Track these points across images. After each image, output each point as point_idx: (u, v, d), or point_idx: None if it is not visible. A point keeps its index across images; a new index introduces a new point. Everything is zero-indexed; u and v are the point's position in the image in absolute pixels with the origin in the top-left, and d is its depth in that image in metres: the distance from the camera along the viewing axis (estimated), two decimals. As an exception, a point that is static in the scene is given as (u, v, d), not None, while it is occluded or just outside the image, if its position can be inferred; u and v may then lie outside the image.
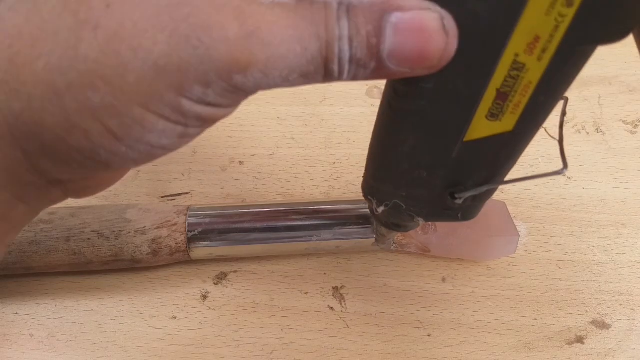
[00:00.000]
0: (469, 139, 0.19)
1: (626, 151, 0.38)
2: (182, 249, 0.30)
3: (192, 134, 0.17)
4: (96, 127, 0.16)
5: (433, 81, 0.17)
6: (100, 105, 0.15)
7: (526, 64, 0.16)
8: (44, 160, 0.17)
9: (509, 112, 0.18)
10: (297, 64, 0.15)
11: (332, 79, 0.16)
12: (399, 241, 0.32)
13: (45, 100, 0.16)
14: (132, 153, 0.17)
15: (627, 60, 0.44)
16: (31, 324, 0.31)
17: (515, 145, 0.19)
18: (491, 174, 0.21)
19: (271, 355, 0.30)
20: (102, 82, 0.15)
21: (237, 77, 0.15)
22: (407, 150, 0.20)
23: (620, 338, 0.30)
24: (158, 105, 0.16)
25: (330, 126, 0.40)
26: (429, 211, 0.23)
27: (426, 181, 0.21)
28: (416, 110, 0.18)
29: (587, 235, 0.34)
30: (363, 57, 0.16)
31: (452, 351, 0.30)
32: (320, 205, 0.32)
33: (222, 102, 0.16)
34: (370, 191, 0.23)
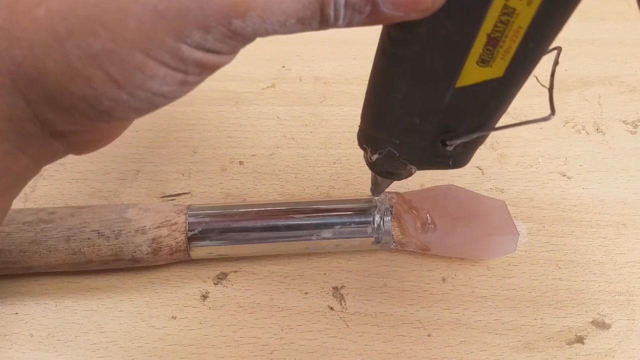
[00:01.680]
0: (460, 85, 0.19)
1: (626, 151, 0.38)
2: (182, 248, 0.30)
3: (192, 81, 0.18)
4: (98, 74, 0.16)
5: (426, 26, 0.17)
6: (102, 52, 0.16)
7: (516, 9, 0.16)
8: (46, 109, 0.17)
9: (499, 57, 0.18)
10: (294, 9, 0.16)
11: (328, 24, 0.17)
12: (399, 240, 0.32)
13: (47, 47, 0.16)
14: (133, 100, 0.17)
15: (627, 60, 0.44)
16: (31, 324, 0.31)
17: (505, 92, 0.20)
18: (482, 121, 0.21)
19: (271, 355, 0.30)
20: (102, 28, 0.15)
21: (236, 22, 0.15)
22: (400, 97, 0.20)
23: (620, 338, 0.30)
24: (158, 51, 0.16)
25: (330, 126, 0.40)
26: (421, 158, 0.23)
27: (419, 128, 0.21)
28: (409, 56, 0.19)
29: (587, 235, 0.34)
30: (358, 1, 0.16)
31: (452, 351, 0.30)
32: (320, 204, 0.32)
33: (221, 48, 0.16)
34: (365, 139, 0.24)
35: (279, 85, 0.42)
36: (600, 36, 0.45)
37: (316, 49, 0.44)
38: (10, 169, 0.19)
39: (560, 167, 0.37)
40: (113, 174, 0.37)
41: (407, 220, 0.31)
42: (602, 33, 0.45)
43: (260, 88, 0.42)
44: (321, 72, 0.43)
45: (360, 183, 0.37)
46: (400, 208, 0.31)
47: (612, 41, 0.45)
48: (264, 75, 0.43)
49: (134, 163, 0.38)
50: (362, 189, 0.37)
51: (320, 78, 0.43)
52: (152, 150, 0.38)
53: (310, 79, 0.43)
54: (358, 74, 0.43)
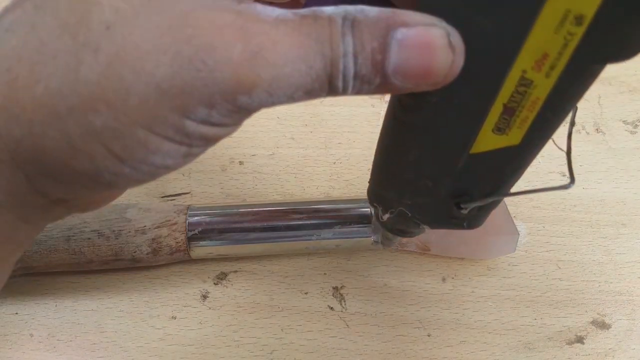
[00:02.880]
0: (475, 151, 0.19)
1: (626, 151, 0.38)
2: (182, 248, 0.30)
3: (195, 153, 0.17)
4: (99, 150, 0.16)
5: (438, 95, 0.17)
6: (103, 129, 0.15)
7: (534, 81, 0.16)
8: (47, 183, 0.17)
9: (515, 126, 0.17)
10: (302, 83, 0.15)
11: (335, 94, 0.16)
12: (399, 240, 0.32)
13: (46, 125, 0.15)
14: (135, 174, 0.17)
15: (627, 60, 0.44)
16: (31, 324, 0.31)
17: (521, 159, 0.19)
18: (497, 186, 0.21)
19: (271, 355, 0.30)
20: (104, 106, 0.15)
21: (242, 98, 0.15)
22: (412, 160, 0.20)
23: (620, 338, 0.30)
24: (162, 127, 0.15)
25: (330, 126, 0.40)
26: (434, 219, 0.23)
27: (431, 191, 0.21)
28: (421, 123, 0.18)
29: (587, 235, 0.34)
30: (368, 73, 0.15)
31: (452, 351, 0.30)
32: (320, 205, 0.32)
33: (226, 121, 0.16)
34: (375, 198, 0.23)
35: (279, 85, 0.42)
36: (600, 36, 0.45)
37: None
38: (13, 237, 0.19)
39: (560, 167, 0.37)
40: (113, 174, 0.37)
41: (407, 220, 0.31)
42: (602, 33, 0.45)
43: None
44: (321, 72, 0.43)
45: (360, 183, 0.37)
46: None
47: (612, 41, 0.45)
48: (264, 75, 0.43)
49: (134, 163, 0.38)
50: (362, 189, 0.37)
51: (320, 78, 0.43)
52: (152, 150, 0.38)
53: (310, 79, 0.43)
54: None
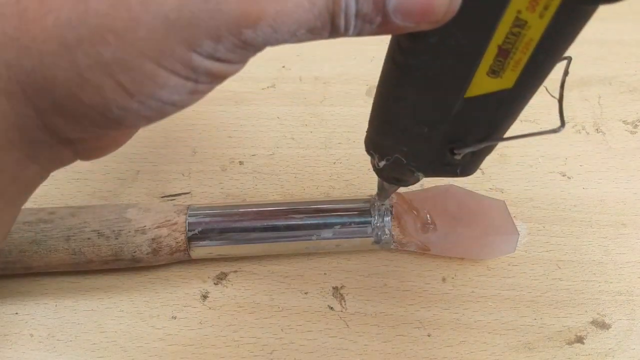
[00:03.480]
0: (470, 95, 0.19)
1: (626, 151, 0.38)
2: (182, 248, 0.30)
3: (202, 90, 0.18)
4: (108, 83, 0.16)
5: (436, 36, 0.17)
6: (112, 60, 0.15)
7: (528, 21, 0.16)
8: (56, 118, 0.17)
9: (509, 69, 0.18)
10: (304, 19, 0.16)
11: (338, 34, 0.17)
12: (399, 240, 0.32)
13: (57, 56, 0.16)
14: (143, 109, 0.17)
15: (627, 60, 0.44)
16: (31, 324, 0.31)
17: (514, 102, 0.20)
18: (490, 131, 0.21)
19: (271, 355, 0.30)
20: (113, 37, 0.15)
21: (247, 32, 0.15)
22: (408, 105, 0.20)
23: (620, 338, 0.30)
24: (169, 60, 0.16)
25: (330, 126, 0.40)
26: (429, 166, 0.23)
27: (427, 137, 0.21)
28: (419, 65, 0.18)
29: (587, 235, 0.34)
30: (369, 11, 0.16)
31: (452, 351, 0.30)
32: (320, 204, 0.32)
33: (232, 57, 0.16)
34: (372, 146, 0.24)
35: (279, 85, 0.42)
36: (600, 36, 0.45)
37: (316, 49, 0.44)
38: (20, 177, 0.19)
39: (560, 167, 0.37)
40: (113, 174, 0.37)
41: (407, 220, 0.31)
42: (601, 33, 0.45)
43: (260, 88, 0.42)
44: (321, 72, 0.43)
45: (360, 183, 0.37)
46: (400, 208, 0.31)
47: (612, 41, 0.45)
48: (264, 75, 0.43)
49: (134, 163, 0.38)
50: (362, 189, 0.37)
51: (320, 78, 0.43)
52: (152, 150, 0.38)
53: (310, 79, 0.43)
54: (358, 74, 0.43)
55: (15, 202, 0.20)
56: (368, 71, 0.43)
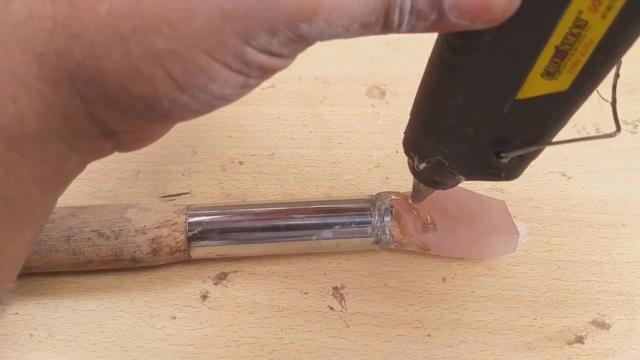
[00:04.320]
0: (522, 97, 0.18)
1: (626, 151, 0.38)
2: (182, 248, 0.30)
3: (252, 84, 0.17)
4: (160, 74, 0.16)
5: (491, 35, 0.16)
6: (165, 52, 0.15)
7: (589, 22, 0.15)
8: (103, 109, 0.17)
9: (566, 70, 0.17)
10: (359, 14, 0.15)
11: (390, 30, 0.16)
12: (399, 240, 0.32)
13: (109, 45, 0.15)
14: (193, 103, 0.17)
15: (627, 61, 0.44)
16: (31, 324, 0.31)
17: (568, 106, 0.19)
18: (540, 134, 0.20)
19: (271, 355, 0.30)
20: (167, 27, 0.15)
21: (303, 25, 0.15)
22: (455, 105, 0.19)
23: (620, 338, 0.30)
24: (222, 53, 0.15)
25: (330, 126, 0.40)
26: (471, 169, 0.22)
27: (472, 138, 0.20)
28: (470, 65, 0.18)
29: (587, 235, 0.34)
30: (424, 7, 0.15)
31: (452, 351, 0.30)
32: (320, 205, 0.32)
33: (284, 51, 0.16)
34: (412, 147, 0.23)
35: (279, 85, 0.42)
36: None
37: (316, 49, 0.44)
38: (61, 167, 0.19)
39: (560, 167, 0.37)
40: (113, 174, 0.37)
41: (407, 220, 0.31)
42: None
43: (260, 88, 0.42)
44: (321, 72, 0.43)
45: (360, 183, 0.37)
46: (400, 208, 0.31)
47: (612, 41, 0.45)
48: (264, 75, 0.43)
49: (134, 163, 0.38)
50: (362, 189, 0.37)
51: (320, 78, 0.43)
52: (152, 150, 0.38)
53: (310, 79, 0.43)
54: (358, 74, 0.43)
55: (54, 193, 0.20)
56: (368, 71, 0.43)
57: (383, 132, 0.39)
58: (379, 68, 0.43)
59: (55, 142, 0.17)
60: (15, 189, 0.17)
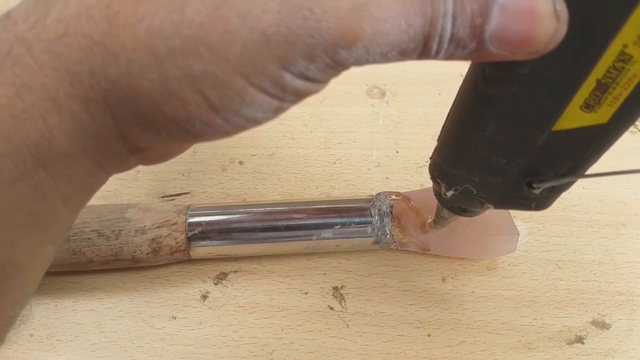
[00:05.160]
0: (558, 128, 0.18)
1: (626, 151, 0.38)
2: (182, 248, 0.30)
3: (284, 108, 0.17)
4: (195, 97, 0.15)
5: (529, 67, 0.16)
6: (202, 74, 0.15)
7: (634, 56, 0.15)
8: (134, 129, 0.17)
9: (606, 104, 0.17)
10: (398, 41, 0.15)
11: (427, 57, 0.16)
12: (399, 240, 0.32)
13: (145, 66, 0.15)
14: (226, 126, 0.17)
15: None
16: (31, 324, 0.31)
17: (606, 139, 0.19)
18: (575, 166, 0.20)
19: (271, 355, 0.30)
20: (206, 50, 0.15)
21: (342, 52, 0.15)
22: (488, 136, 0.19)
23: (620, 338, 0.30)
24: (260, 78, 0.15)
25: (330, 126, 0.40)
26: (501, 198, 0.22)
27: (504, 169, 0.20)
28: (505, 97, 0.17)
29: (587, 235, 0.34)
30: (465, 36, 0.15)
31: (452, 351, 0.30)
32: (320, 205, 0.32)
33: (320, 77, 0.16)
34: (439, 174, 0.23)
35: (279, 85, 0.42)
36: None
37: (316, 49, 0.44)
38: (88, 185, 0.18)
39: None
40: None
41: (407, 220, 0.31)
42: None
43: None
44: (321, 72, 0.43)
45: (360, 183, 0.37)
46: (400, 208, 0.31)
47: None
48: (264, 75, 0.43)
49: (134, 163, 0.38)
50: (362, 189, 0.37)
51: (320, 78, 0.43)
52: (152, 150, 0.38)
53: (310, 79, 0.43)
54: (358, 74, 0.43)
55: (76, 208, 0.19)
56: (368, 71, 0.42)
57: (383, 132, 0.39)
58: (379, 68, 0.43)
59: (84, 161, 0.17)
60: (41, 206, 0.17)
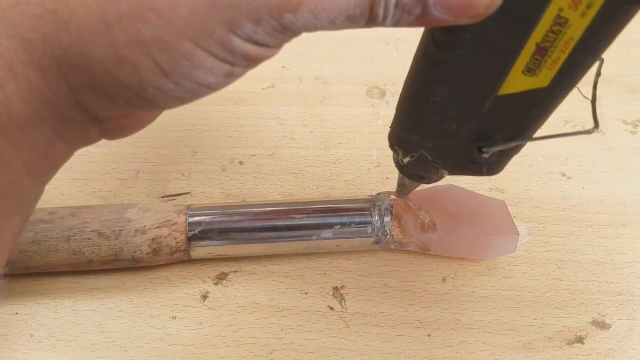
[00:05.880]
0: (503, 92, 0.19)
1: (626, 151, 0.38)
2: (182, 248, 0.30)
3: (237, 73, 0.17)
4: (145, 62, 0.16)
5: (473, 31, 0.17)
6: (151, 39, 0.15)
7: (569, 19, 0.16)
8: (89, 95, 0.17)
9: (546, 67, 0.18)
10: (345, 6, 0.16)
11: (375, 23, 0.16)
12: (399, 240, 0.32)
13: (95, 32, 0.15)
14: (178, 90, 0.17)
15: (627, 60, 0.44)
16: (31, 324, 0.31)
17: (548, 102, 0.19)
18: (521, 130, 0.21)
19: (271, 355, 0.30)
20: (153, 15, 0.15)
21: (288, 15, 0.15)
22: (438, 101, 0.20)
23: (620, 338, 0.30)
24: (208, 41, 0.16)
25: (330, 126, 0.40)
26: (454, 164, 0.23)
27: (455, 133, 0.21)
28: (453, 61, 0.18)
29: (587, 235, 0.34)
30: (409, 2, 0.16)
31: (452, 351, 0.30)
32: (320, 205, 0.32)
33: (270, 41, 0.16)
34: (397, 141, 0.23)
35: (279, 85, 0.42)
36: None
37: (316, 49, 0.44)
38: (48, 154, 0.19)
39: (560, 167, 0.37)
40: (113, 174, 0.37)
41: (407, 220, 0.31)
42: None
43: (260, 88, 0.42)
44: (321, 72, 0.43)
45: (360, 183, 0.37)
46: (400, 208, 0.31)
47: (612, 41, 0.45)
48: (264, 75, 0.43)
49: (134, 163, 0.38)
50: (362, 189, 0.37)
51: (320, 78, 0.43)
52: (152, 150, 0.38)
53: (310, 79, 0.43)
54: (358, 74, 0.43)
55: (42, 179, 0.20)
56: (368, 71, 0.43)
57: (383, 132, 0.39)
58: (379, 68, 0.43)
59: (42, 128, 0.18)
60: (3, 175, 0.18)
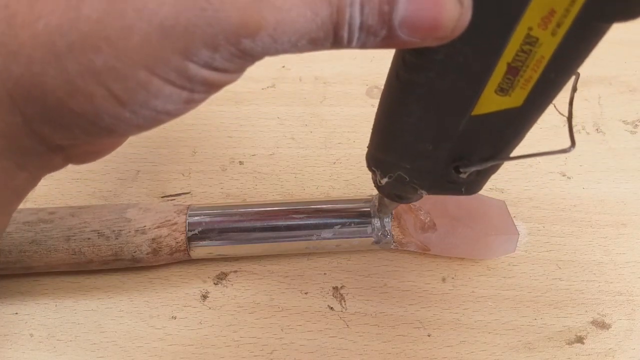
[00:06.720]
0: (477, 113, 0.19)
1: (626, 151, 0.38)
2: (182, 248, 0.30)
3: (197, 99, 0.17)
4: (99, 91, 0.15)
5: (443, 52, 0.16)
6: (104, 68, 0.15)
7: (539, 38, 0.16)
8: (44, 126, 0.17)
9: (519, 87, 0.17)
10: (306, 29, 0.15)
11: (340, 45, 0.16)
12: (399, 240, 0.32)
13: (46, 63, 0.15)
14: (136, 118, 0.17)
15: (627, 60, 0.44)
16: (31, 324, 0.31)
17: (523, 121, 0.19)
18: (497, 149, 0.21)
19: (271, 355, 0.30)
20: (105, 44, 0.15)
21: (246, 41, 0.15)
22: (412, 122, 0.20)
23: (620, 338, 0.30)
24: (164, 69, 0.15)
25: (330, 126, 0.40)
26: (432, 184, 0.23)
27: (431, 154, 0.21)
28: (424, 82, 0.18)
29: (587, 235, 0.34)
30: (374, 24, 0.15)
31: (452, 351, 0.30)
32: (320, 205, 0.32)
33: (229, 67, 0.16)
34: (374, 162, 0.23)
35: (279, 85, 0.42)
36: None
37: (316, 49, 0.44)
38: (9, 185, 0.18)
39: (560, 167, 0.37)
40: (113, 174, 0.37)
41: (407, 220, 0.31)
42: (602, 33, 0.45)
43: (260, 88, 0.42)
44: (321, 72, 0.43)
45: (360, 183, 0.37)
46: (400, 208, 0.31)
47: (612, 41, 0.45)
48: (264, 75, 0.43)
49: (134, 163, 0.38)
50: (362, 189, 0.37)
51: (320, 78, 0.43)
52: (152, 150, 0.38)
53: (310, 79, 0.43)
54: (358, 74, 0.43)
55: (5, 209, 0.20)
56: (368, 71, 0.43)
57: (383, 132, 0.39)
58: (379, 68, 0.43)
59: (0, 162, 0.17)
60: None
